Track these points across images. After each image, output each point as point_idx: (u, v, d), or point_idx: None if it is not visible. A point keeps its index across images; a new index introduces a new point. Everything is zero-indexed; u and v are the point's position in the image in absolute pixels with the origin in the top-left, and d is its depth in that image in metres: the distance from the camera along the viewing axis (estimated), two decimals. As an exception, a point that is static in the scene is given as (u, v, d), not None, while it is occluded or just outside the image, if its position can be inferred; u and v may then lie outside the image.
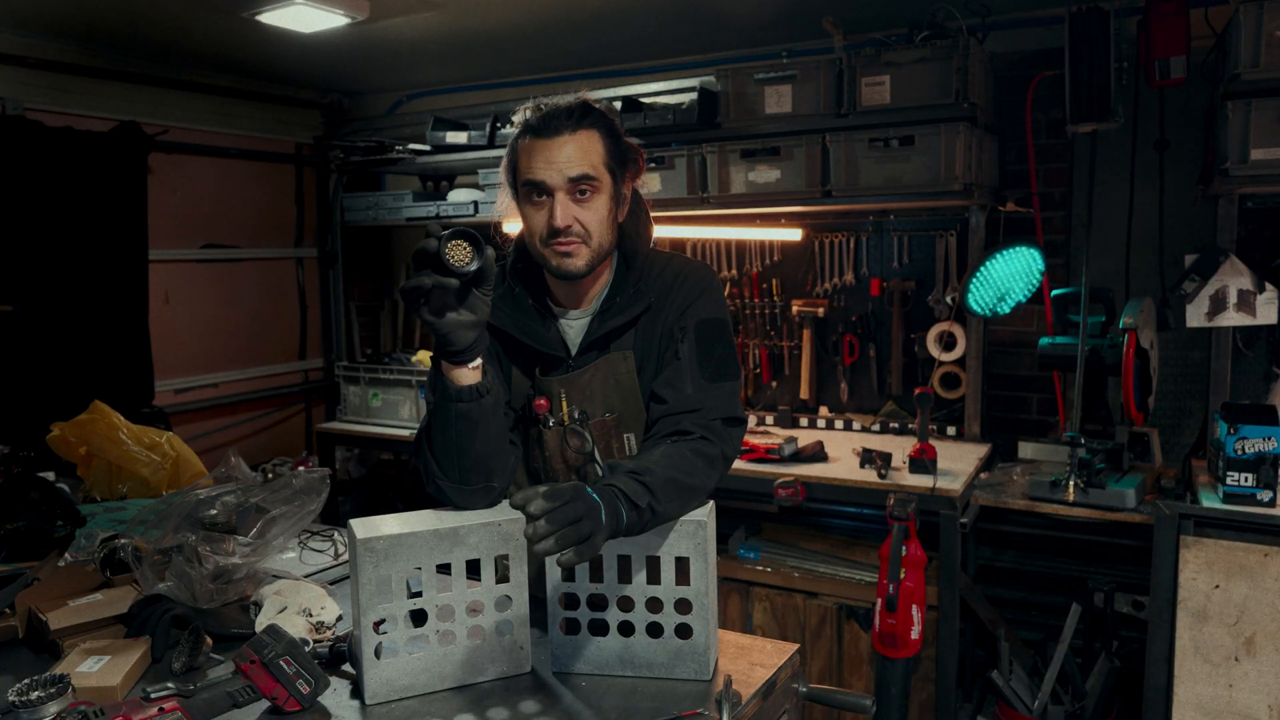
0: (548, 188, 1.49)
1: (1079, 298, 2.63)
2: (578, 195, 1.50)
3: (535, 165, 1.49)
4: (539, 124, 1.51)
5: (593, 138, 1.51)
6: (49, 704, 1.26)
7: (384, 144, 4.09)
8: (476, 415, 1.37)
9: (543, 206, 1.51)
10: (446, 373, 1.37)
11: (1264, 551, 2.21)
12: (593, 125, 1.52)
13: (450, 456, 1.40)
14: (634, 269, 1.60)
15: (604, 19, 3.26)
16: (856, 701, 1.44)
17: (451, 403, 1.37)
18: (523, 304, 1.60)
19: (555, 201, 1.49)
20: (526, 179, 1.51)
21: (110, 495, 2.32)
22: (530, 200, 1.52)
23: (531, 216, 1.53)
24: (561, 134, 1.49)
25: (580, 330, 1.61)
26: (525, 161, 1.51)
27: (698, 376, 1.52)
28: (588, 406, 1.58)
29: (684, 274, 1.61)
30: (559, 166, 1.48)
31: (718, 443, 1.47)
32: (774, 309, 3.64)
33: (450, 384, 1.36)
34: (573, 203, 1.49)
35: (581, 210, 1.50)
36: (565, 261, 1.51)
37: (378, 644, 1.32)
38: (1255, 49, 2.34)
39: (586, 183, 1.49)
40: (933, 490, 2.66)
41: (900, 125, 2.88)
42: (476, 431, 1.38)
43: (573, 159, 1.48)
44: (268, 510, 1.72)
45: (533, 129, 1.51)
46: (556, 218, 1.48)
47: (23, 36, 3.40)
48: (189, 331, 4.09)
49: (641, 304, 1.57)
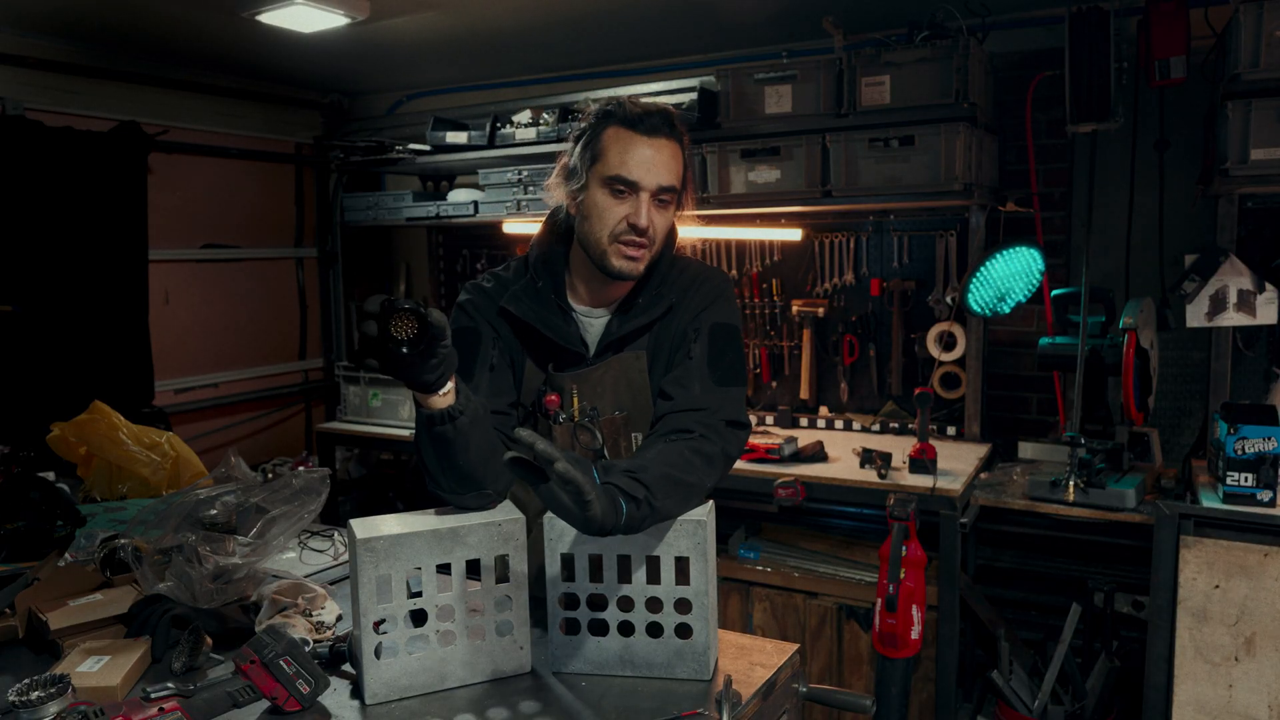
0: (639, 187, 1.49)
1: (1079, 298, 2.63)
2: (659, 203, 1.51)
3: (631, 162, 1.49)
4: (638, 119, 1.50)
5: (679, 150, 1.54)
6: (49, 704, 1.26)
7: (384, 144, 4.09)
8: (453, 436, 1.38)
9: (625, 201, 1.50)
10: (419, 400, 1.37)
11: (1264, 551, 2.21)
12: (678, 138, 1.54)
13: (439, 469, 1.41)
14: (657, 272, 1.61)
15: (604, 19, 3.26)
16: (856, 701, 1.44)
17: (427, 428, 1.38)
18: (545, 298, 1.60)
19: (641, 201, 1.49)
20: (618, 174, 1.49)
21: (110, 495, 2.32)
22: (613, 192, 1.51)
23: (610, 208, 1.51)
24: (659, 136, 1.50)
25: (600, 328, 1.61)
26: (618, 154, 1.49)
27: (706, 378, 1.53)
28: (598, 404, 1.58)
29: (701, 278, 1.63)
30: (654, 169, 1.49)
31: (718, 441, 1.47)
32: (774, 309, 3.64)
33: (424, 409, 1.37)
34: (655, 207, 1.51)
35: (658, 216, 1.52)
36: (628, 264, 1.52)
37: (378, 644, 1.32)
38: (1255, 49, 2.34)
39: (670, 194, 1.52)
40: (933, 490, 2.66)
41: (900, 125, 2.87)
42: (456, 450, 1.39)
43: (669, 166, 1.50)
44: (268, 510, 1.72)
45: (630, 121, 1.50)
46: (641, 218, 1.49)
47: (23, 36, 3.40)
48: (189, 331, 4.09)
49: (663, 305, 1.58)
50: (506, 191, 3.75)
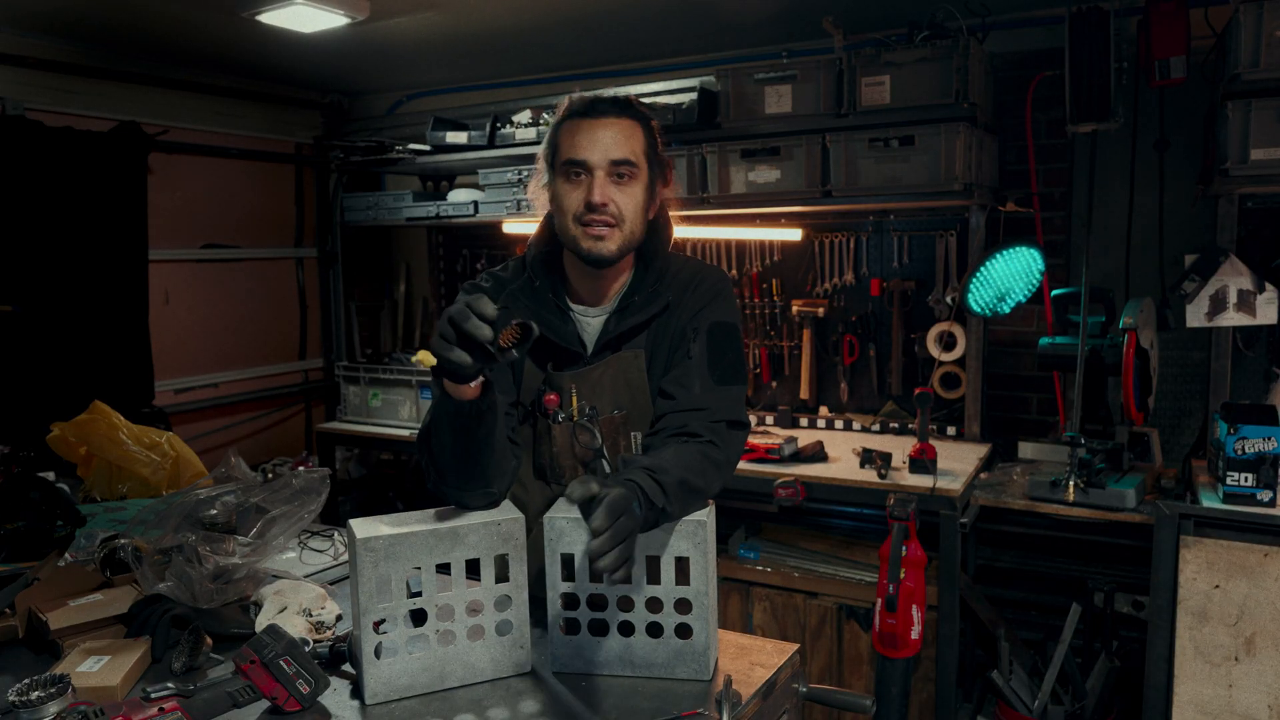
0: (589, 165, 1.50)
1: (1079, 298, 2.63)
2: (616, 178, 1.51)
3: (578, 143, 1.51)
4: (584, 107, 1.53)
5: (635, 127, 1.54)
6: (49, 704, 1.26)
7: (384, 144, 4.09)
8: (476, 429, 1.37)
9: (580, 185, 1.51)
10: (447, 388, 1.36)
11: (1264, 551, 2.21)
12: (636, 117, 1.55)
13: (451, 464, 1.40)
14: (653, 269, 1.61)
15: (604, 19, 3.26)
16: (856, 701, 1.44)
17: (451, 417, 1.37)
18: (542, 297, 1.60)
19: (594, 179, 1.50)
20: (568, 157, 1.51)
21: (110, 495, 2.32)
22: (568, 178, 1.52)
23: (567, 194, 1.53)
24: (607, 116, 1.51)
25: (598, 327, 1.61)
26: (568, 141, 1.52)
27: (706, 377, 1.53)
28: (597, 403, 1.58)
29: (700, 276, 1.62)
30: (602, 146, 1.50)
31: (723, 448, 1.48)
32: (774, 309, 3.64)
33: (450, 399, 1.36)
34: (611, 184, 1.51)
35: (618, 193, 1.51)
36: (596, 245, 1.51)
37: (378, 644, 1.32)
38: (1255, 49, 2.34)
39: (626, 167, 1.51)
40: (933, 490, 2.66)
41: (900, 125, 2.87)
42: (476, 444, 1.38)
43: (616, 140, 1.50)
44: (268, 510, 1.72)
45: (578, 111, 1.53)
46: (594, 194, 1.49)
47: (23, 36, 3.40)
48: (189, 331, 4.09)
49: (659, 303, 1.58)
50: (506, 191, 3.75)
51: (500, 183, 3.76)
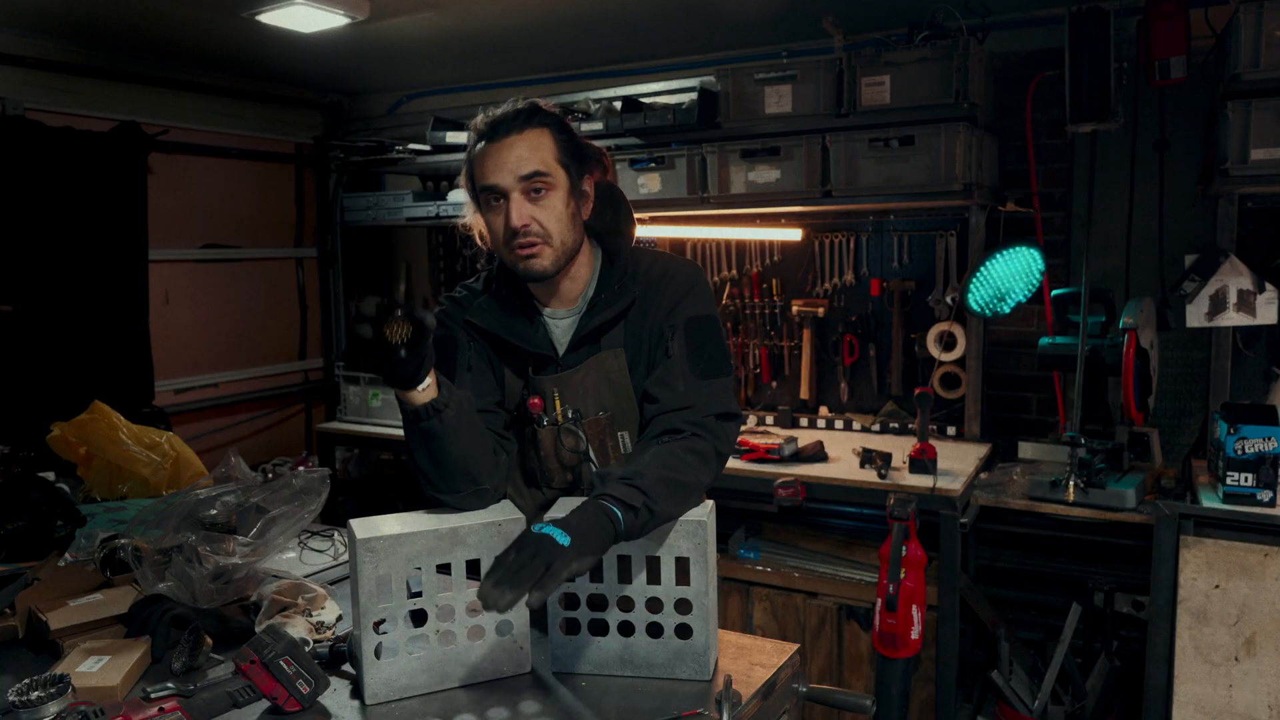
0: (501, 190, 1.49)
1: (1079, 298, 2.63)
2: (532, 194, 1.50)
3: (488, 170, 1.50)
4: (488, 130, 1.51)
5: (542, 135, 1.52)
6: (49, 704, 1.26)
7: (384, 144, 4.09)
8: (440, 430, 1.38)
9: (500, 210, 1.51)
10: (401, 397, 1.38)
11: (1264, 551, 2.21)
12: (541, 124, 1.52)
13: (431, 468, 1.41)
14: (617, 265, 1.61)
15: (604, 19, 3.26)
16: (856, 701, 1.44)
17: (410, 423, 1.39)
18: (510, 305, 1.61)
19: (510, 203, 1.49)
20: (482, 185, 1.51)
21: (110, 495, 2.32)
22: (489, 206, 1.52)
23: (491, 222, 1.53)
24: (510, 135, 1.49)
25: (568, 329, 1.61)
26: (479, 168, 1.52)
27: (689, 374, 1.52)
28: (581, 405, 1.58)
29: (670, 272, 1.61)
30: (510, 167, 1.48)
31: (710, 439, 1.47)
32: (774, 309, 3.64)
33: (407, 406, 1.38)
34: (528, 202, 1.49)
35: (537, 209, 1.50)
36: (530, 263, 1.51)
37: (378, 644, 1.32)
38: (1255, 49, 2.34)
39: (539, 179, 1.49)
40: (933, 490, 2.66)
41: (900, 125, 2.87)
42: (446, 444, 1.39)
43: (522, 157, 1.49)
44: (268, 510, 1.72)
45: (483, 135, 1.52)
46: (513, 218, 1.48)
47: (23, 36, 3.40)
48: (189, 331, 4.09)
49: (626, 299, 1.57)
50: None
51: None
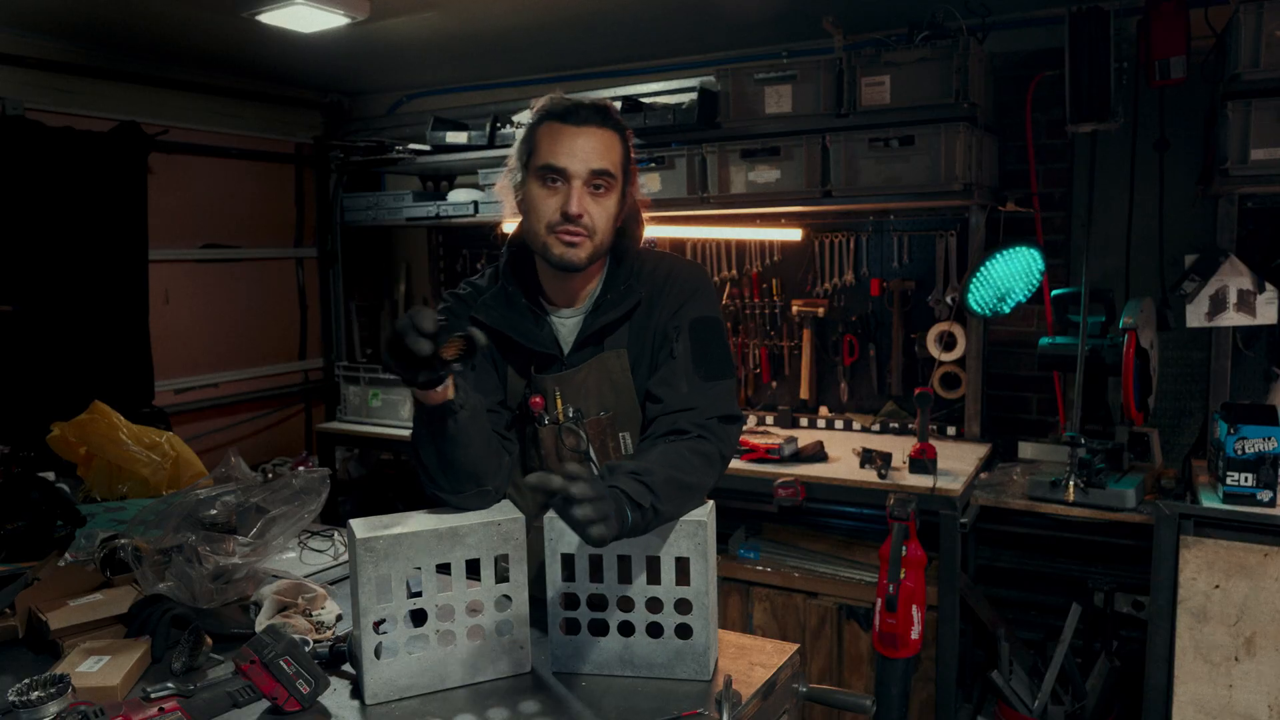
0: (568, 174, 1.49)
1: (1079, 298, 2.62)
2: (593, 189, 1.51)
3: (559, 151, 1.50)
4: (565, 112, 1.52)
5: (614, 139, 1.53)
6: (49, 704, 1.26)
7: (384, 144, 4.08)
8: (454, 430, 1.38)
9: (556, 192, 1.51)
10: (415, 394, 1.37)
11: (1264, 551, 2.21)
12: (615, 127, 1.54)
13: (438, 467, 1.41)
14: (624, 266, 1.61)
15: (604, 19, 3.26)
16: (856, 701, 1.44)
17: (425, 422, 1.39)
18: (516, 302, 1.60)
19: (571, 189, 1.49)
20: (547, 162, 1.51)
21: (110, 495, 2.32)
22: (545, 184, 1.52)
23: (543, 200, 1.52)
24: (589, 125, 1.51)
25: (573, 328, 1.61)
26: (547, 145, 1.51)
27: (693, 375, 1.53)
28: (582, 405, 1.58)
29: (676, 273, 1.62)
30: (583, 156, 1.49)
31: (714, 441, 1.48)
32: (774, 309, 3.64)
33: (423, 405, 1.37)
34: (588, 194, 1.50)
35: (594, 204, 1.51)
36: (568, 252, 1.51)
37: (378, 644, 1.32)
38: (1255, 49, 2.34)
39: (604, 178, 1.51)
40: (933, 490, 2.66)
41: (900, 125, 2.87)
42: (458, 444, 1.39)
43: (598, 151, 1.50)
44: (268, 510, 1.72)
45: (558, 115, 1.52)
46: (572, 204, 1.48)
47: (23, 36, 3.40)
48: (189, 331, 4.09)
49: (632, 299, 1.58)
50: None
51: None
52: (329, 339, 4.67)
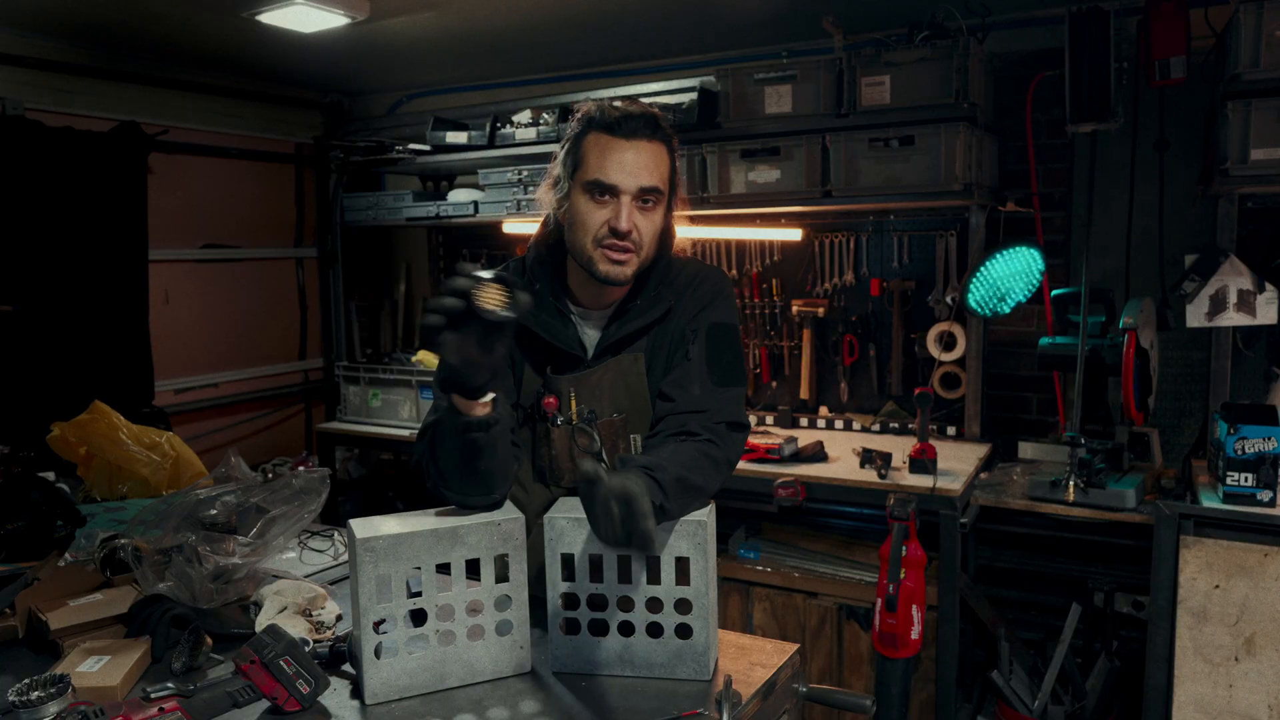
0: (618, 190, 1.48)
1: (1079, 298, 2.63)
2: (642, 204, 1.49)
3: (609, 165, 1.48)
4: (616, 123, 1.49)
5: (663, 151, 1.52)
6: (49, 704, 1.26)
7: (384, 144, 4.08)
8: (484, 443, 1.37)
9: (605, 206, 1.49)
10: (456, 403, 1.35)
11: (1264, 551, 2.21)
12: (664, 139, 1.52)
13: (455, 472, 1.39)
14: (655, 274, 1.60)
15: (604, 19, 3.26)
16: (856, 701, 1.44)
17: (460, 431, 1.36)
18: (543, 300, 1.59)
19: (621, 205, 1.48)
20: (596, 177, 1.48)
21: (110, 495, 2.32)
22: (594, 197, 1.50)
23: (591, 213, 1.50)
24: (639, 138, 1.49)
25: (597, 331, 1.61)
26: (597, 158, 1.49)
27: (706, 379, 1.53)
28: (596, 406, 1.58)
29: (699, 278, 1.62)
30: (633, 172, 1.47)
31: (723, 447, 1.48)
32: (774, 309, 3.64)
33: (459, 415, 1.35)
34: (637, 210, 1.49)
35: (642, 219, 1.50)
36: (615, 269, 1.50)
37: (378, 644, 1.32)
38: (1255, 49, 2.34)
39: (653, 195, 1.50)
40: (933, 490, 2.66)
41: (900, 125, 2.87)
42: (482, 457, 1.38)
43: (648, 167, 1.48)
44: (268, 510, 1.72)
45: (608, 126, 1.49)
46: (621, 220, 1.47)
47: (23, 36, 3.40)
48: (189, 331, 4.09)
49: (661, 308, 1.58)
50: (506, 191, 3.75)
51: (500, 183, 3.76)
52: (329, 339, 4.67)
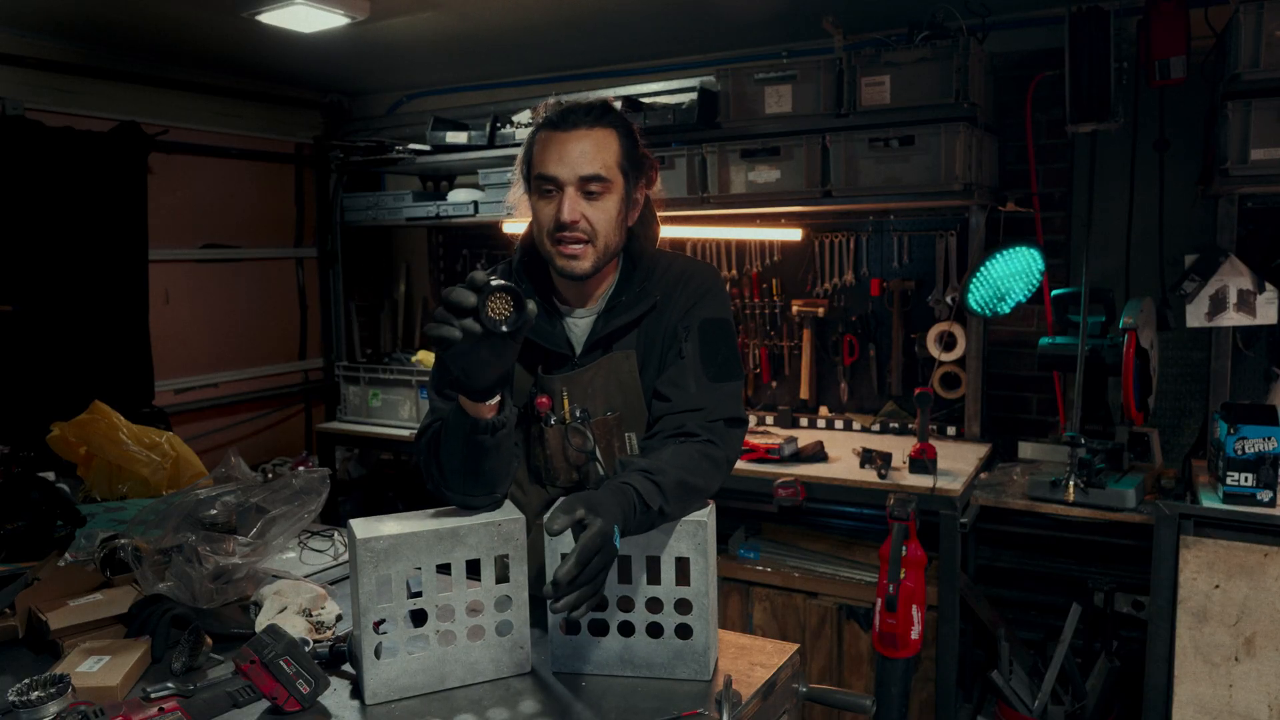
0: (559, 182, 1.49)
1: (1079, 298, 2.63)
2: (587, 193, 1.50)
3: (548, 159, 1.49)
4: (557, 118, 1.51)
5: (609, 137, 1.52)
6: (49, 704, 1.26)
7: (384, 144, 4.09)
8: (490, 445, 1.36)
9: (552, 200, 1.50)
10: (464, 405, 1.34)
11: (1264, 551, 2.21)
12: (610, 125, 1.52)
13: (458, 474, 1.39)
14: (640, 268, 1.60)
15: (604, 19, 3.26)
16: (856, 701, 1.44)
17: (466, 433, 1.35)
18: None
19: (564, 196, 1.49)
20: (539, 172, 1.51)
21: (110, 495, 2.32)
22: (541, 193, 1.52)
23: (541, 209, 1.52)
24: (578, 129, 1.49)
25: (585, 328, 1.61)
26: (540, 154, 1.51)
27: (701, 376, 1.52)
28: (589, 405, 1.58)
29: (689, 274, 1.61)
30: (571, 162, 1.48)
31: (722, 446, 1.48)
32: (774, 309, 3.64)
33: (466, 417, 1.34)
34: (582, 199, 1.49)
35: (590, 208, 1.50)
36: (570, 263, 1.50)
37: (378, 644, 1.32)
38: (1255, 49, 2.34)
39: (597, 183, 1.49)
40: (933, 490, 2.66)
41: (900, 125, 2.87)
42: (487, 459, 1.37)
43: (586, 155, 1.48)
44: (268, 510, 1.72)
45: (551, 123, 1.52)
46: (564, 211, 1.48)
47: (23, 36, 3.40)
48: (189, 331, 4.09)
49: (647, 303, 1.57)
50: (506, 191, 3.72)
51: (500, 183, 3.76)
52: (329, 339, 4.67)
